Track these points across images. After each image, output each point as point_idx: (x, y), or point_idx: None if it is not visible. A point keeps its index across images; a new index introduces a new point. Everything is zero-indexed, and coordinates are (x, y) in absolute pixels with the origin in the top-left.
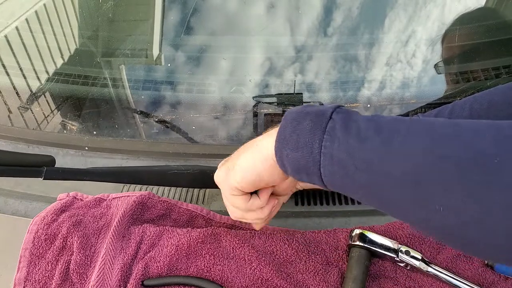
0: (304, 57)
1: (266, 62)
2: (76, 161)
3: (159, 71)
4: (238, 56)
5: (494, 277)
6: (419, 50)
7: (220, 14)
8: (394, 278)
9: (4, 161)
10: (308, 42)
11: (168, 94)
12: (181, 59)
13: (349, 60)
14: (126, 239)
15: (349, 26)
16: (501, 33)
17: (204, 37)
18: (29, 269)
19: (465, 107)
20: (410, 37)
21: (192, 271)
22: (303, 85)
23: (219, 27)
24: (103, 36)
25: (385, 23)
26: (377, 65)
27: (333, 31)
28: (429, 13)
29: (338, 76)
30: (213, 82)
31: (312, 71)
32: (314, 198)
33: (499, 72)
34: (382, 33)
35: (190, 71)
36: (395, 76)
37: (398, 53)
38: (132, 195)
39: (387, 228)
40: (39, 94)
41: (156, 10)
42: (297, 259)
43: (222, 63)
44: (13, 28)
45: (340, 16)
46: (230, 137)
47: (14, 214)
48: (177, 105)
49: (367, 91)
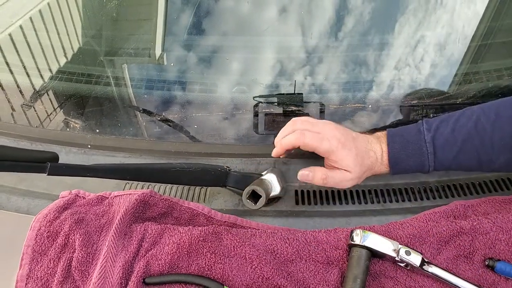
0: (306, 58)
1: (268, 62)
2: (78, 158)
3: (162, 70)
4: (241, 56)
5: (494, 277)
6: (418, 50)
7: (223, 14)
8: (394, 278)
9: (9, 157)
10: (309, 42)
11: (170, 93)
12: (183, 59)
13: (349, 60)
14: (127, 237)
15: (349, 27)
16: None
17: (207, 36)
18: (31, 266)
19: (472, 118)
20: (409, 37)
21: (193, 269)
22: (304, 85)
23: (222, 27)
24: (106, 35)
25: (384, 23)
26: (376, 66)
27: (333, 31)
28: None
29: (338, 76)
30: (215, 82)
31: (312, 71)
32: (314, 198)
33: (501, 74)
34: (382, 34)
35: (193, 71)
36: (394, 76)
37: (397, 53)
38: (134, 193)
39: (388, 228)
40: (42, 92)
41: (159, 9)
42: (298, 258)
43: (225, 62)
44: (17, 27)
45: (340, 17)
46: (231, 136)
47: (17, 211)
48: (179, 104)
49: (367, 91)
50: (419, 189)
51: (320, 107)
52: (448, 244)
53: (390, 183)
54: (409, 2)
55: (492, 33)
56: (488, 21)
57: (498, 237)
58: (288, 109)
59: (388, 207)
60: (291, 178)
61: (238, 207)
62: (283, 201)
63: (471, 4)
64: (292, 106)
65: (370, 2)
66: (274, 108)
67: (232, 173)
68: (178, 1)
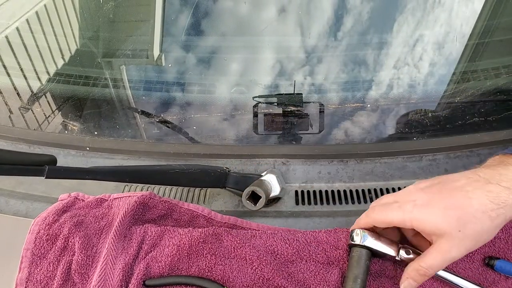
0: (304, 58)
1: (267, 63)
2: (77, 161)
3: (160, 71)
4: (239, 57)
5: (494, 276)
6: (416, 49)
7: (220, 14)
8: (395, 278)
9: (6, 160)
10: (307, 42)
11: (168, 95)
12: (181, 60)
13: (348, 60)
14: (127, 239)
15: (347, 26)
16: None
17: (205, 37)
18: (30, 270)
19: None
20: (407, 36)
21: (194, 271)
22: (303, 85)
23: (220, 27)
24: (104, 37)
25: (382, 23)
26: (375, 65)
27: (332, 31)
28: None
29: (337, 76)
30: (213, 82)
31: (311, 71)
32: (314, 198)
33: (498, 72)
34: (380, 33)
35: (191, 72)
36: (393, 75)
37: (395, 52)
38: (134, 195)
39: (387, 228)
40: (40, 95)
41: (157, 10)
42: (298, 258)
43: (223, 63)
44: (14, 29)
45: (338, 16)
46: (230, 137)
47: (16, 214)
48: (178, 105)
49: (366, 91)
50: None
51: (320, 107)
52: None
53: (390, 183)
54: (407, 1)
55: (490, 32)
56: (485, 20)
57: (498, 236)
58: (287, 109)
59: None
60: (290, 178)
61: (238, 208)
62: (283, 202)
63: (469, 2)
64: (292, 106)
65: (368, 1)
66: (273, 108)
67: (232, 174)
68: (175, 2)
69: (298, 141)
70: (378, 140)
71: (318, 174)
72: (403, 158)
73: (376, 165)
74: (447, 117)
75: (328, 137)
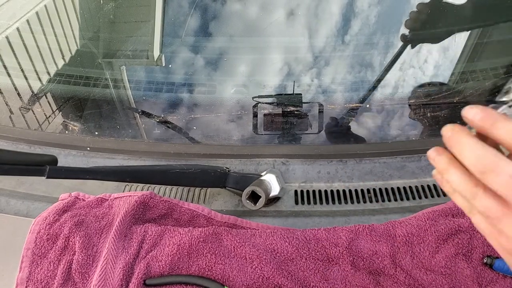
0: (304, 58)
1: (266, 63)
2: (78, 161)
3: (160, 72)
4: (239, 57)
5: (493, 275)
6: (415, 51)
7: (220, 15)
8: (394, 276)
9: (7, 160)
10: (307, 43)
11: (169, 95)
12: (181, 60)
13: (347, 60)
14: (128, 238)
15: (346, 27)
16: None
17: (205, 38)
18: (31, 269)
19: None
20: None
21: (194, 270)
22: (303, 85)
23: (220, 28)
24: (104, 37)
25: (381, 23)
26: (374, 65)
27: (331, 32)
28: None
29: (336, 76)
30: (213, 83)
31: (311, 71)
32: (314, 198)
33: (497, 72)
34: (379, 33)
35: (191, 72)
36: (392, 75)
37: (395, 52)
38: (134, 195)
39: (386, 227)
40: (40, 95)
41: (157, 11)
42: (298, 256)
43: (223, 64)
44: (14, 29)
45: (338, 17)
46: (230, 137)
47: (16, 214)
48: (178, 106)
49: (365, 91)
50: (417, 188)
51: (319, 107)
52: (446, 242)
53: (389, 183)
54: (405, 1)
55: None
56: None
57: None
58: (287, 109)
59: (387, 206)
60: (290, 178)
61: (238, 207)
62: (282, 201)
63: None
64: (291, 106)
65: (366, 2)
66: (273, 109)
67: (232, 174)
68: (175, 3)
69: (298, 141)
70: (377, 140)
71: (318, 174)
72: (402, 158)
73: (375, 165)
74: (446, 117)
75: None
